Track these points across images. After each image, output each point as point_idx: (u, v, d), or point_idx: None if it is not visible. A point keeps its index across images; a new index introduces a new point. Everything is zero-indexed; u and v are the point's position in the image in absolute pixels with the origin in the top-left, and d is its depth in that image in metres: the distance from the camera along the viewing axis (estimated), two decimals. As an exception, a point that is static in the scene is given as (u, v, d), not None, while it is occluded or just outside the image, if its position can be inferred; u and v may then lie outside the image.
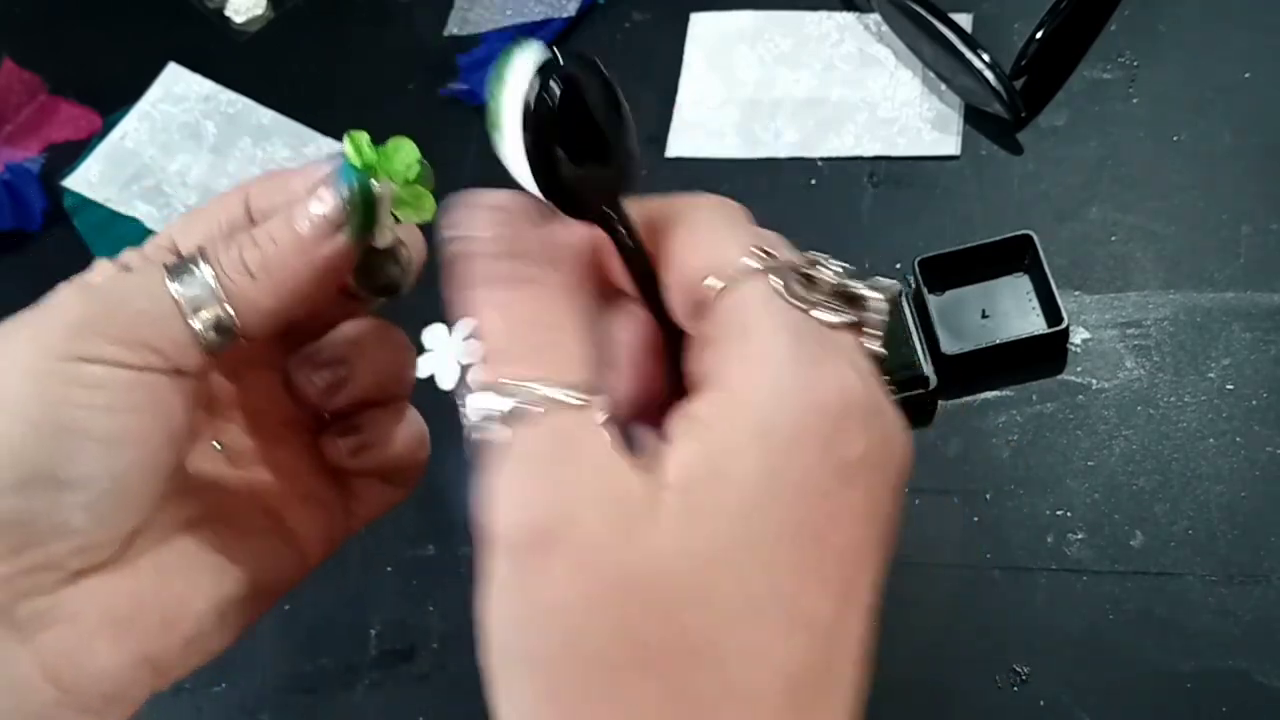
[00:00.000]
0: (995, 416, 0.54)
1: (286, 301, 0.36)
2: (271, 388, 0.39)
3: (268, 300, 0.35)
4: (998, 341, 0.55)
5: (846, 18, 0.66)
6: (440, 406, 0.60)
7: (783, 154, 0.63)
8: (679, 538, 0.29)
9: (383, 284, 0.39)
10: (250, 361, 0.39)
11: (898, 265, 0.57)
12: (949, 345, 0.55)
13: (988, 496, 0.53)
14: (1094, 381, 0.55)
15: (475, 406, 0.33)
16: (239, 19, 0.71)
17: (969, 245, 0.56)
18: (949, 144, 0.62)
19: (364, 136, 0.37)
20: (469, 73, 0.67)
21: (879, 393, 0.32)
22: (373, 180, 0.37)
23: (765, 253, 0.33)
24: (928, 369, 0.54)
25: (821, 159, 0.62)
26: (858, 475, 0.31)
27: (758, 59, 0.66)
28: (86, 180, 0.67)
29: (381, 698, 0.52)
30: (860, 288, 0.34)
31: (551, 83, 0.32)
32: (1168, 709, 0.48)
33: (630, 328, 0.35)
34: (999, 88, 0.60)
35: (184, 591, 0.36)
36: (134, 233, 0.65)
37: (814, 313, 0.32)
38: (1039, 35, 0.61)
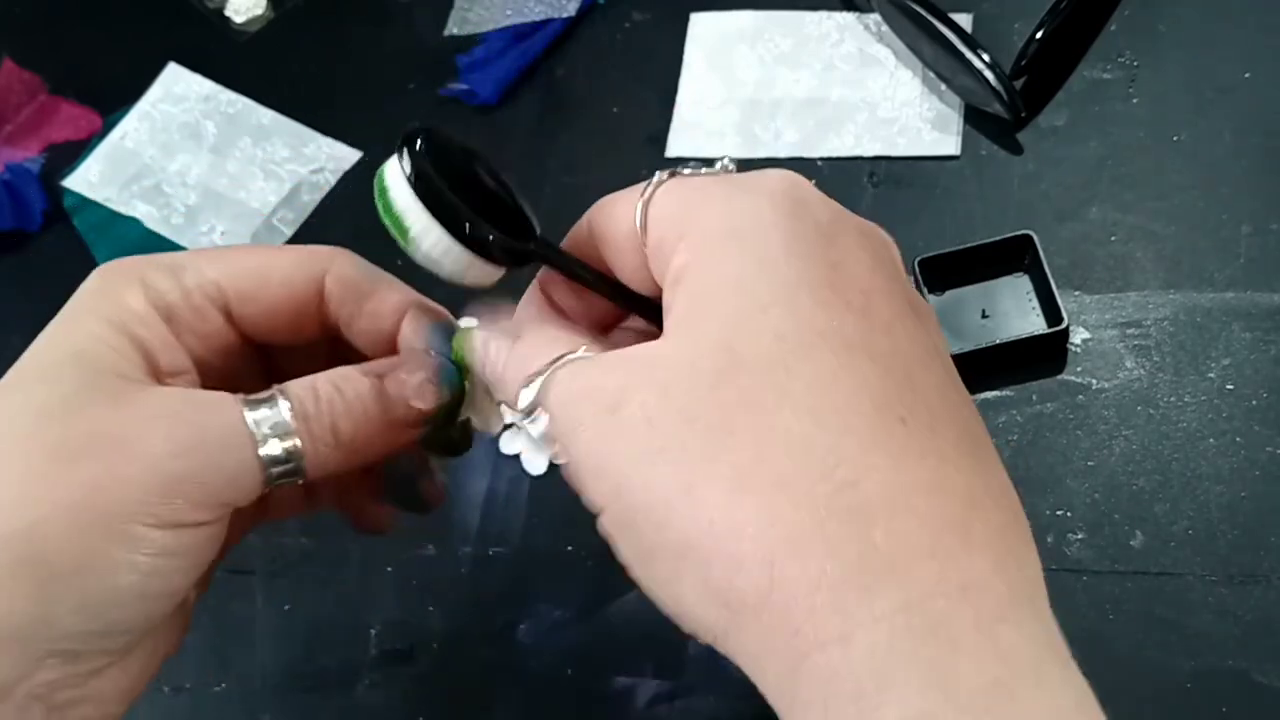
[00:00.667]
0: (995, 416, 0.54)
1: (354, 463, 0.37)
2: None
3: (341, 462, 0.37)
4: (998, 341, 0.55)
5: (846, 18, 0.66)
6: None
7: (783, 154, 0.63)
8: (691, 346, 0.32)
9: (442, 449, 0.41)
10: None
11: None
12: (948, 346, 0.55)
13: (988, 496, 0.53)
14: (1094, 381, 0.55)
15: (522, 405, 0.36)
16: (239, 19, 0.71)
17: (969, 245, 0.56)
18: (949, 144, 0.62)
19: (471, 335, 0.39)
20: (469, 73, 0.67)
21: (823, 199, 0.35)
22: (466, 381, 0.39)
23: (659, 174, 0.36)
24: None
25: (821, 159, 0.62)
26: (839, 233, 0.33)
27: (758, 59, 0.66)
28: (86, 180, 0.67)
29: (381, 698, 0.52)
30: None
31: (414, 147, 0.35)
32: (1168, 709, 0.48)
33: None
34: (999, 88, 0.60)
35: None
36: (134, 233, 0.65)
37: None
38: (1039, 35, 0.61)
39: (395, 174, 0.35)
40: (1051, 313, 0.55)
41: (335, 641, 0.54)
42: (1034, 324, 0.55)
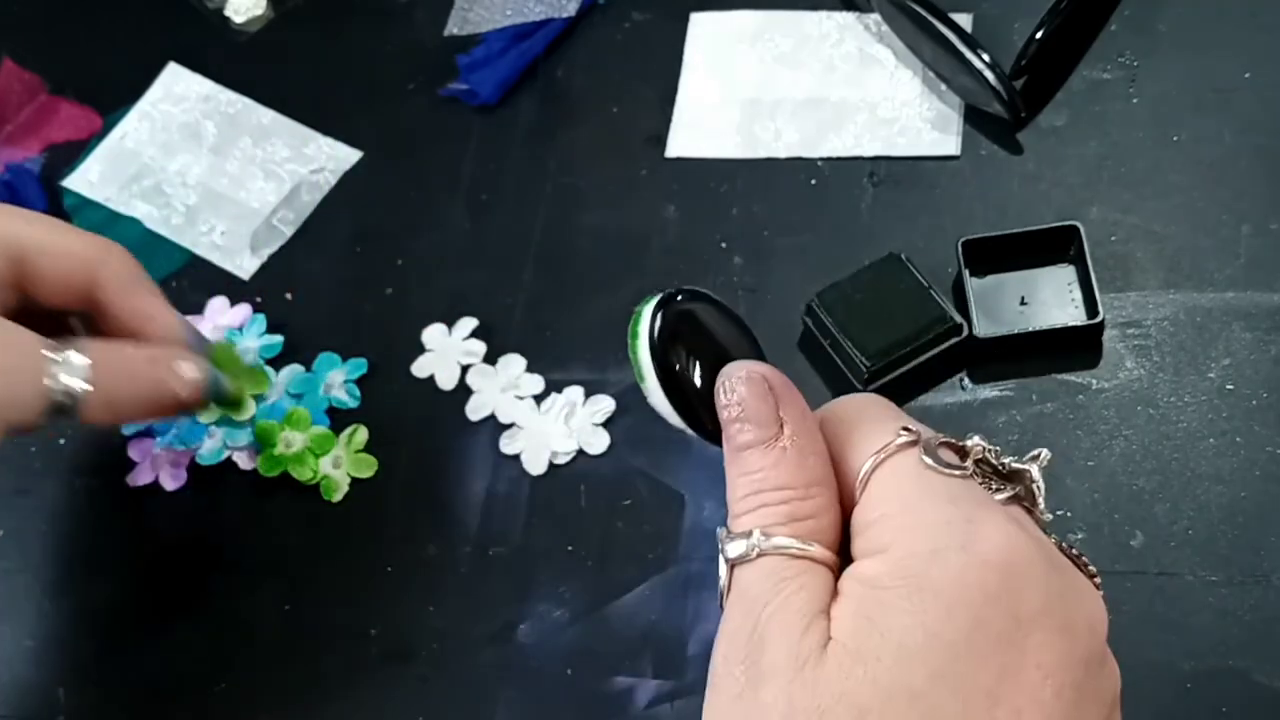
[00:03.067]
0: (995, 416, 0.54)
1: (114, 423, 0.49)
2: None
3: (106, 420, 0.46)
4: (1030, 329, 0.55)
5: (846, 18, 0.66)
6: (440, 407, 0.60)
7: (782, 154, 0.63)
8: (840, 681, 0.31)
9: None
10: None
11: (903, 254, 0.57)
12: (982, 328, 0.55)
13: (988, 496, 0.53)
14: (1094, 381, 0.55)
15: (722, 553, 0.35)
16: (239, 19, 0.71)
17: (1014, 231, 0.57)
18: (949, 144, 0.62)
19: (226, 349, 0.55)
20: (469, 73, 0.67)
21: (1055, 552, 0.33)
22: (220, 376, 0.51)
23: (909, 430, 0.35)
24: (958, 317, 0.54)
25: (821, 159, 0.62)
26: (1034, 631, 0.31)
27: (758, 59, 0.66)
28: (86, 180, 0.67)
29: (381, 698, 0.52)
30: (1013, 462, 0.36)
31: (664, 313, 0.37)
32: (1168, 709, 0.48)
33: None
34: (999, 88, 0.60)
35: None
36: (134, 233, 0.65)
37: (974, 481, 0.34)
38: (1039, 35, 0.61)
39: (645, 328, 0.37)
40: (1090, 306, 0.55)
41: (335, 641, 0.54)
42: (1071, 315, 0.55)
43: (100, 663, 0.54)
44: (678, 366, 0.37)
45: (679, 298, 0.38)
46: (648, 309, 0.37)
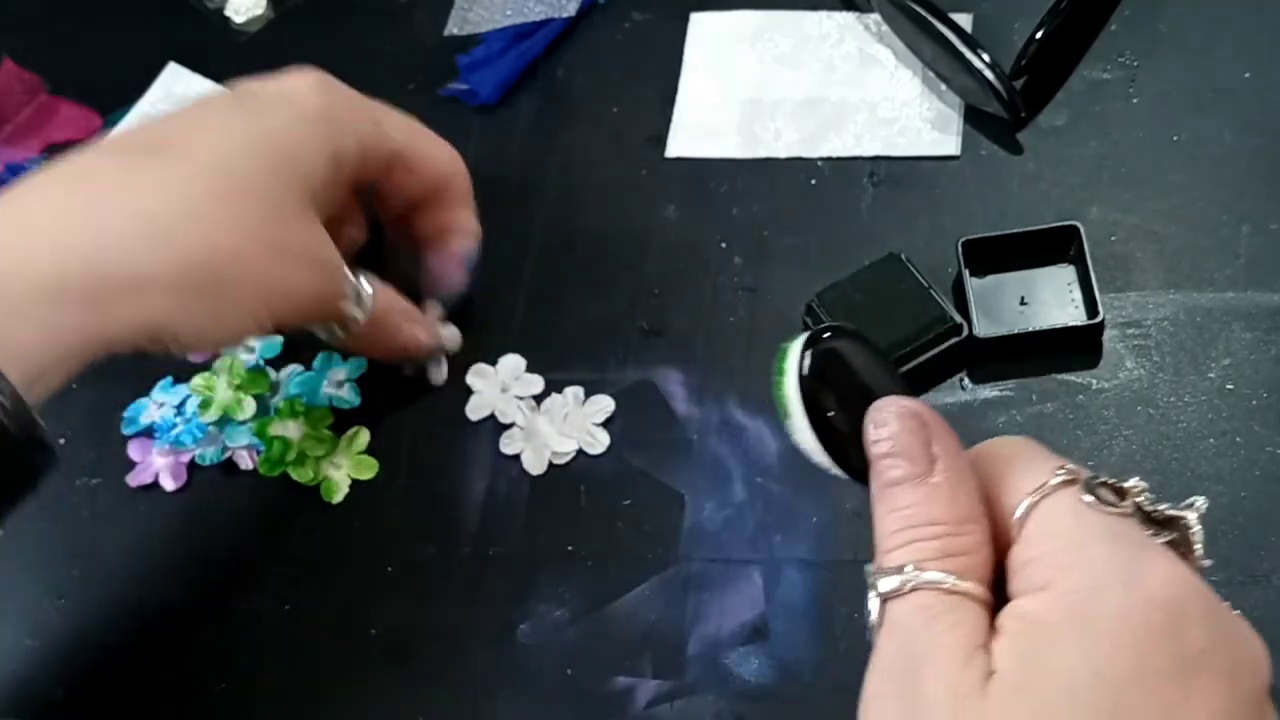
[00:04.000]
0: (995, 416, 0.54)
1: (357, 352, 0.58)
2: None
3: (352, 347, 0.56)
4: (1030, 329, 0.55)
5: (846, 18, 0.66)
6: (440, 407, 0.60)
7: (782, 154, 0.63)
8: (1003, 715, 0.30)
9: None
10: None
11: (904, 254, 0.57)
12: (982, 328, 0.55)
13: (988, 496, 0.53)
14: (1094, 381, 0.55)
15: (872, 588, 0.35)
16: (239, 19, 0.71)
17: (1014, 231, 0.57)
18: (949, 144, 0.62)
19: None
20: (469, 73, 0.67)
21: (1213, 595, 0.33)
22: None
23: (1067, 468, 0.35)
24: (958, 317, 0.54)
25: (821, 159, 0.62)
26: (1200, 671, 0.31)
27: (758, 59, 0.66)
28: (86, 180, 0.67)
29: (381, 698, 0.52)
30: (1169, 508, 0.35)
31: (812, 354, 0.37)
32: (1168, 709, 0.48)
33: None
34: (999, 88, 0.60)
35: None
36: (134, 233, 0.65)
37: (1134, 520, 0.34)
38: (1039, 35, 0.61)
39: (792, 365, 0.37)
40: (1090, 306, 0.55)
41: (335, 641, 0.54)
42: (1071, 315, 0.55)
43: (100, 663, 0.54)
44: (826, 403, 0.37)
45: (826, 335, 0.37)
46: (795, 346, 0.37)
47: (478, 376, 0.59)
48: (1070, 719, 0.30)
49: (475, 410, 0.58)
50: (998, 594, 0.34)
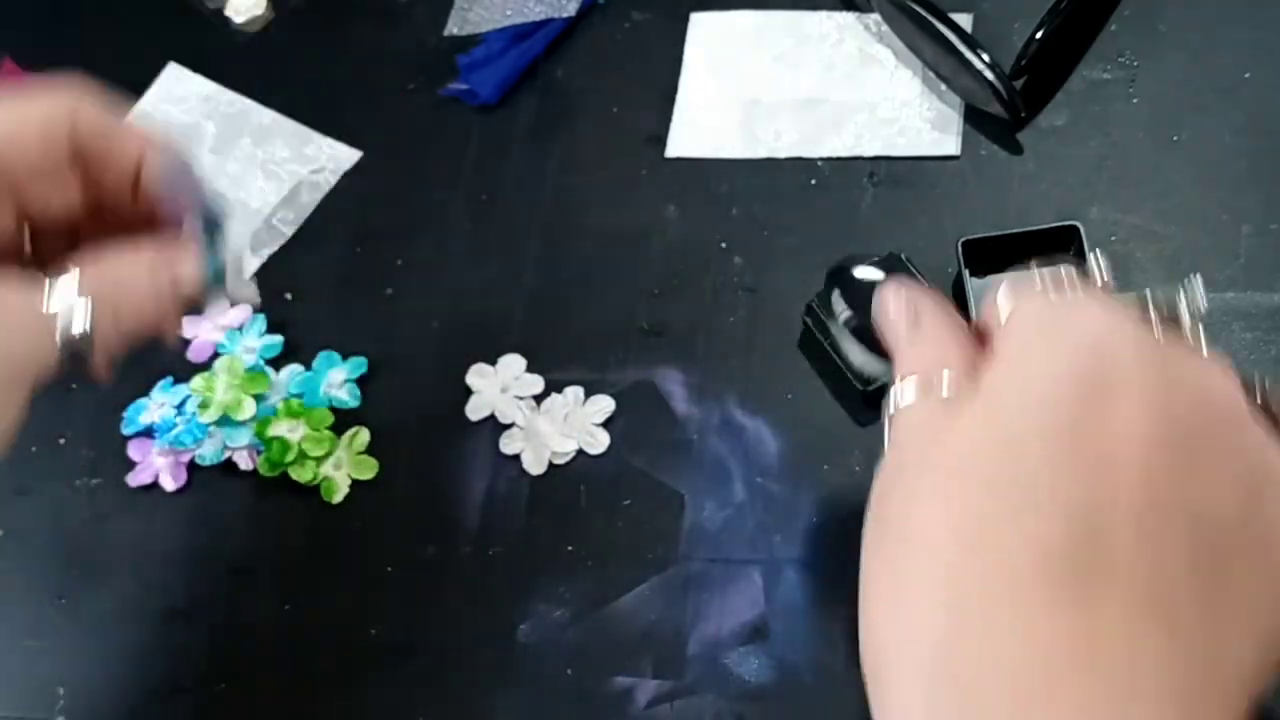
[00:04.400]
0: (995, 416, 0.54)
1: (128, 345, 0.43)
2: None
3: (120, 346, 0.42)
4: None
5: (846, 18, 0.66)
6: (440, 407, 0.60)
7: (782, 154, 0.63)
8: (973, 428, 0.34)
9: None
10: None
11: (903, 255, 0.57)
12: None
13: (988, 496, 0.53)
14: (1094, 381, 0.55)
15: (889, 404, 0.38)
16: (239, 19, 0.71)
17: (1014, 231, 0.56)
18: (949, 144, 0.62)
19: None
20: (469, 73, 0.67)
21: (1151, 336, 0.35)
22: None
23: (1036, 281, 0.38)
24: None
25: (821, 159, 0.62)
26: (1125, 388, 0.33)
27: (758, 59, 0.66)
28: (86, 180, 0.67)
29: (381, 698, 0.52)
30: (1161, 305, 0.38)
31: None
32: (1168, 709, 0.48)
33: None
34: (999, 88, 0.60)
35: None
36: (134, 233, 0.65)
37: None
38: (1039, 35, 0.61)
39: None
40: None
41: (335, 641, 0.54)
42: None
43: (100, 663, 0.54)
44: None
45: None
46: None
47: (478, 376, 0.59)
48: (1008, 433, 0.33)
49: (475, 410, 0.58)
50: None
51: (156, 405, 0.59)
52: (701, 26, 0.67)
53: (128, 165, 0.44)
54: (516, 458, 0.57)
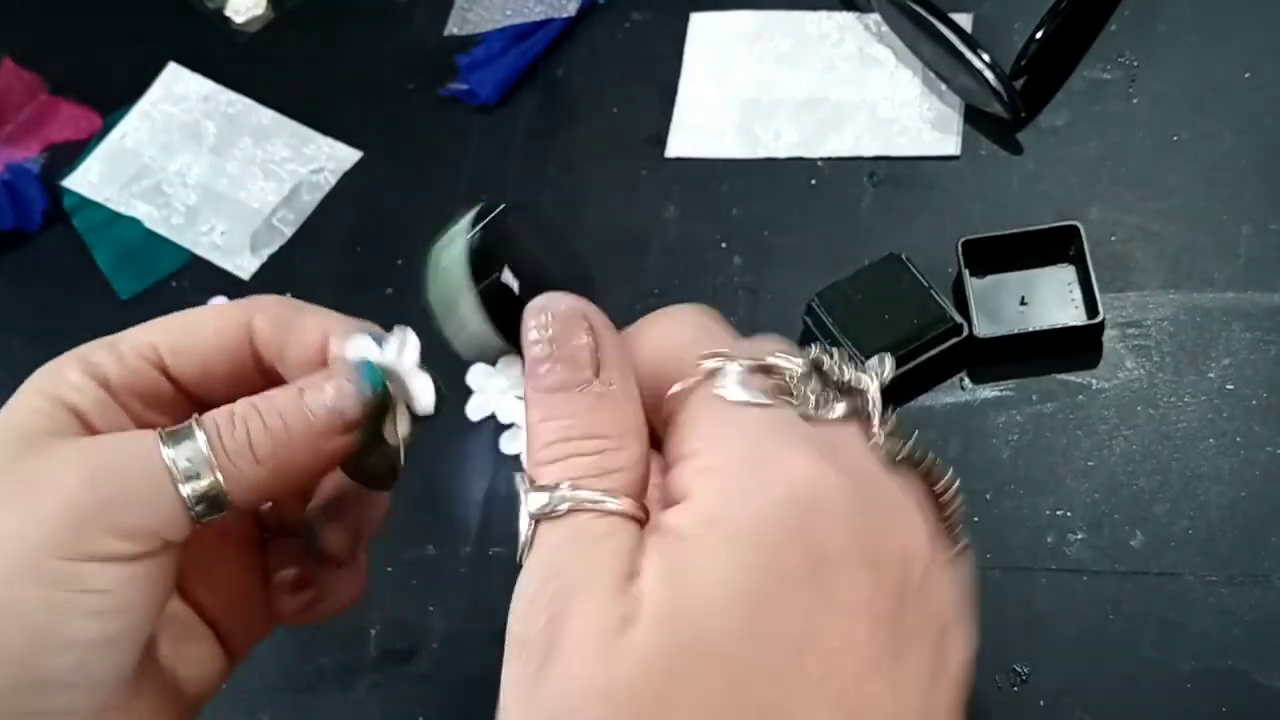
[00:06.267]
0: (995, 416, 0.54)
1: (284, 486, 0.35)
2: None
3: (266, 484, 0.34)
4: (1030, 329, 0.55)
5: (846, 18, 0.66)
6: (440, 407, 0.60)
7: (782, 154, 0.63)
8: (647, 648, 0.28)
9: (372, 478, 0.39)
10: None
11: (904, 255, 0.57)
12: (982, 328, 0.55)
13: (988, 496, 0.53)
14: (1094, 381, 0.55)
15: (523, 504, 0.33)
16: (239, 19, 0.71)
17: (1014, 231, 0.57)
18: (949, 144, 0.62)
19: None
20: (469, 73, 0.67)
21: (872, 480, 0.30)
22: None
23: (716, 355, 0.31)
24: (958, 317, 0.54)
25: (821, 159, 0.62)
26: (840, 567, 0.28)
27: (758, 59, 0.66)
28: (86, 180, 0.67)
29: (381, 698, 0.52)
30: (857, 374, 0.32)
31: (485, 229, 0.34)
32: (1168, 709, 0.48)
33: None
34: (999, 88, 0.60)
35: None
36: (134, 233, 0.65)
37: (784, 409, 0.31)
38: (1039, 35, 0.61)
39: (464, 240, 0.34)
40: (1090, 306, 0.55)
41: (335, 641, 0.54)
42: (1071, 315, 0.55)
43: (100, 663, 0.54)
44: (502, 280, 0.33)
45: (499, 210, 0.33)
46: (465, 221, 0.33)
47: (478, 376, 0.59)
48: (715, 645, 0.28)
49: (475, 410, 0.58)
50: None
51: (156, 405, 0.59)
52: (701, 26, 0.67)
53: (310, 355, 0.37)
54: (517, 458, 0.57)
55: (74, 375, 0.35)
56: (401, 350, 0.36)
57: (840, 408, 0.32)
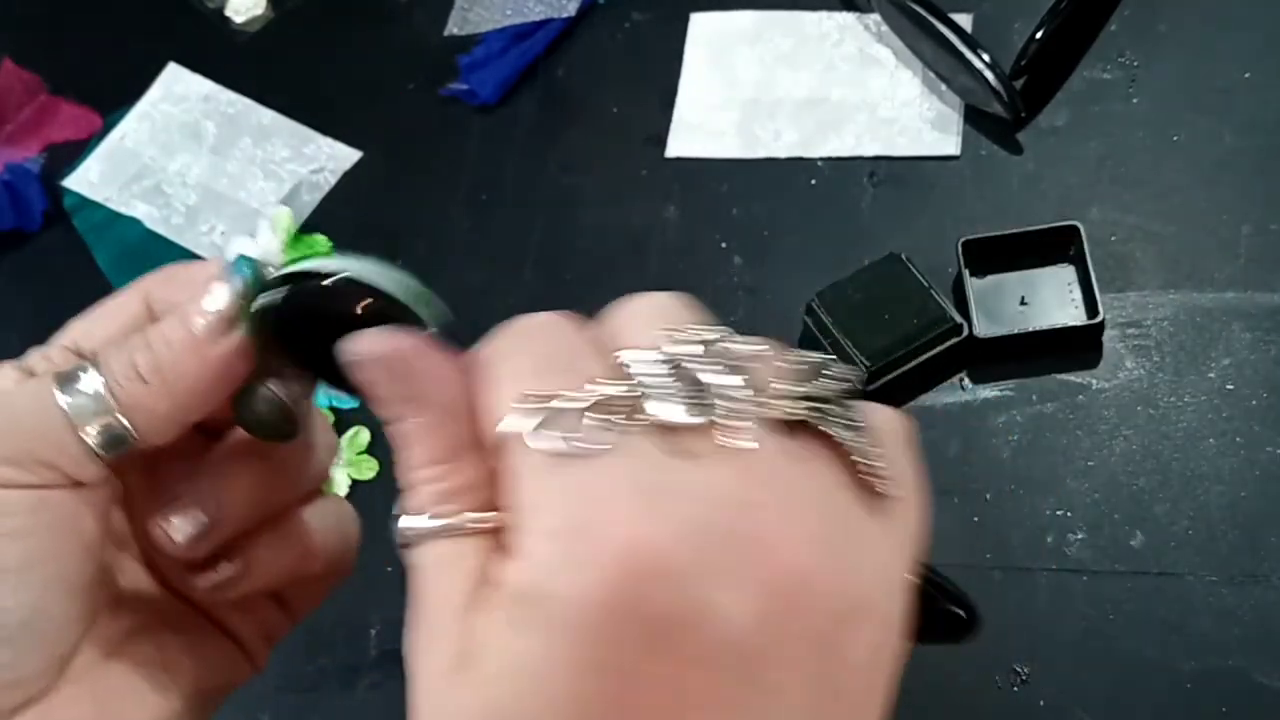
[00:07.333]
0: (995, 416, 0.54)
1: (183, 405, 0.34)
2: None
3: (163, 405, 0.34)
4: (1030, 329, 0.55)
5: (846, 18, 0.66)
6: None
7: (782, 154, 0.63)
8: (470, 701, 0.28)
9: (260, 425, 0.37)
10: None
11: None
12: (982, 328, 0.55)
13: (988, 496, 0.53)
14: (1094, 381, 0.55)
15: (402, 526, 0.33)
16: (239, 19, 0.71)
17: (1014, 231, 0.57)
18: (949, 144, 0.62)
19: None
20: (469, 73, 0.67)
21: (709, 519, 0.28)
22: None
23: (530, 396, 0.29)
24: (958, 317, 0.54)
25: (821, 159, 0.62)
26: (665, 642, 0.27)
27: (758, 59, 0.66)
28: (86, 180, 0.67)
29: (381, 698, 0.52)
30: (705, 372, 0.30)
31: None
32: (1167, 709, 0.48)
33: None
34: (999, 88, 0.60)
35: (128, 709, 0.34)
36: (134, 233, 0.65)
37: (616, 452, 0.28)
38: (1039, 35, 0.61)
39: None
40: (1090, 306, 0.55)
41: (335, 641, 0.54)
42: (1071, 315, 0.55)
43: (100, 663, 0.54)
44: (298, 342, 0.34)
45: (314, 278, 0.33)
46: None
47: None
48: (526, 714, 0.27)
49: (475, 410, 0.58)
50: None
51: (156, 405, 0.59)
52: (701, 26, 0.67)
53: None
54: (516, 458, 0.57)
55: (7, 370, 0.35)
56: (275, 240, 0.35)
57: (691, 418, 0.29)
